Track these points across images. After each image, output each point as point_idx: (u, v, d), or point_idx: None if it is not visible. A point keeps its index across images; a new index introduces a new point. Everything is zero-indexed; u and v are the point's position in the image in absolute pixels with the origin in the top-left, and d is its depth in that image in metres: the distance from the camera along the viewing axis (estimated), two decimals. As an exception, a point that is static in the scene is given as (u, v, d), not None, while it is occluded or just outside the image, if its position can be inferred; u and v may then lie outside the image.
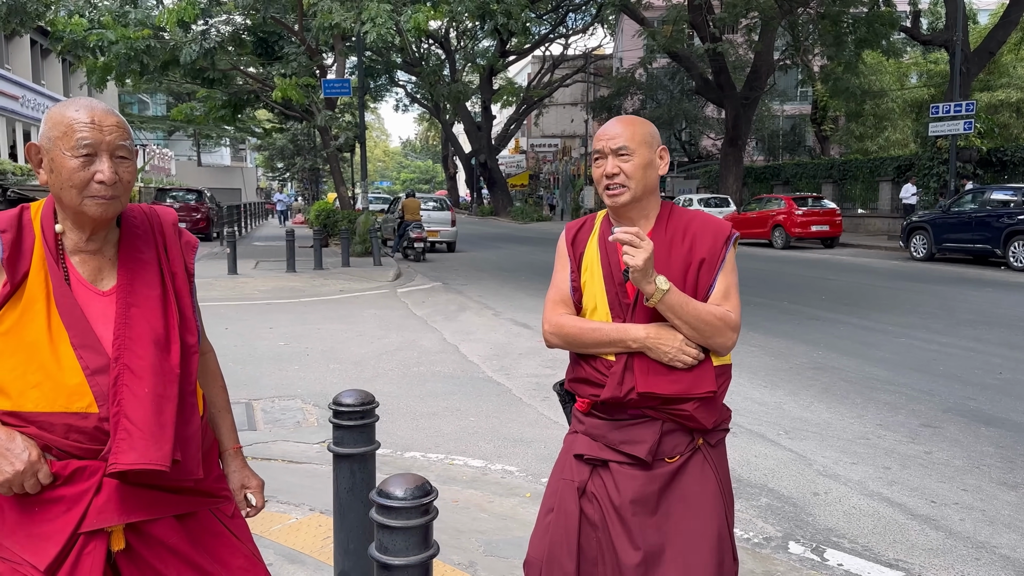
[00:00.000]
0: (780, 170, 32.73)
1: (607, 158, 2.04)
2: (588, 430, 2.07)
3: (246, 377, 6.92)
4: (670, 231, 2.06)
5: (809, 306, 11.21)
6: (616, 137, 2.03)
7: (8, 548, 1.55)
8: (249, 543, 1.79)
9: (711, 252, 2.03)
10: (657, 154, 2.07)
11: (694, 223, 2.08)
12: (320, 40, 19.97)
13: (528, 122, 56.13)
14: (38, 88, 28.72)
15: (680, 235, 2.06)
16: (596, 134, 2.11)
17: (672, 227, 2.07)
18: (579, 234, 2.17)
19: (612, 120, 2.10)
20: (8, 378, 1.54)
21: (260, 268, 17.03)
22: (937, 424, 5.65)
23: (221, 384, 1.92)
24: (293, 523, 3.73)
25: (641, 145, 2.03)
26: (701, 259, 2.02)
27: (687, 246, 2.04)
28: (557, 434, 5.39)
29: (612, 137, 2.04)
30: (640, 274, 1.87)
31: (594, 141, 2.10)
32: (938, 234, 17.94)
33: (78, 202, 1.58)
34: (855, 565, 3.61)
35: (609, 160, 2.03)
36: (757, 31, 27.60)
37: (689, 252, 2.03)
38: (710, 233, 2.05)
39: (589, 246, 2.13)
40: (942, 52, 27.62)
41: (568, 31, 43.64)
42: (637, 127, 2.06)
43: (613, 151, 2.03)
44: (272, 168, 56.76)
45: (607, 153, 2.04)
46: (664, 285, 1.89)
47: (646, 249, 1.86)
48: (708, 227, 2.07)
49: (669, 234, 2.06)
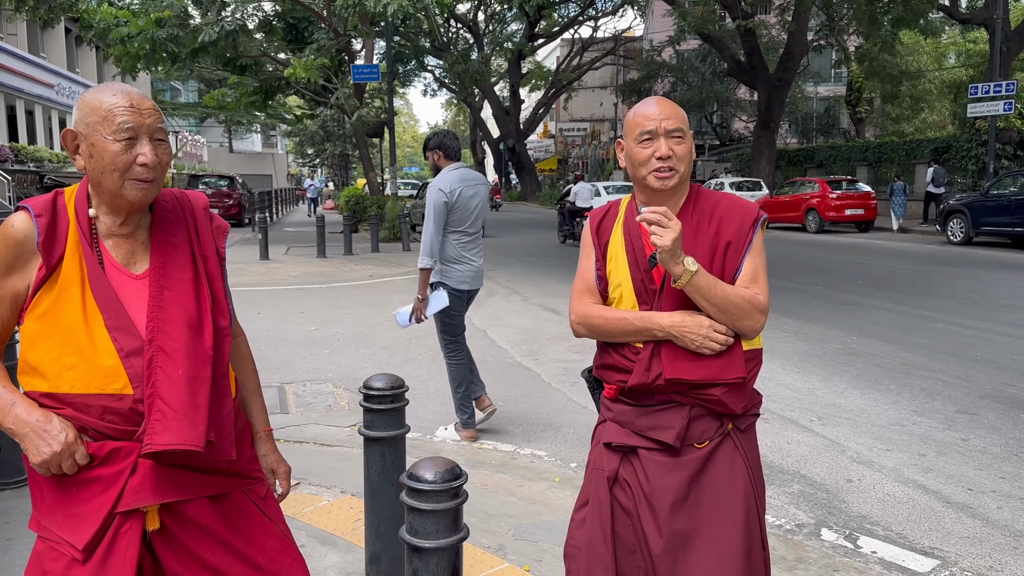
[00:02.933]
0: (814, 153, 32.19)
1: (659, 139, 1.97)
2: (616, 417, 2.05)
3: (278, 361, 7.00)
4: (697, 214, 2.03)
5: (843, 291, 11.06)
6: (671, 118, 1.98)
7: (47, 527, 1.58)
8: (281, 524, 1.80)
9: (738, 235, 1.99)
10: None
11: (721, 205, 2.04)
12: (348, 25, 19.97)
13: (557, 106, 55.77)
14: (73, 76, 29.18)
15: (707, 218, 2.02)
16: (638, 113, 2.02)
17: (700, 210, 2.04)
18: (603, 222, 2.14)
19: (653, 100, 2.03)
20: (45, 360, 1.57)
21: (291, 254, 17.19)
22: (974, 411, 5.55)
23: (252, 367, 1.93)
24: (325, 505, 3.77)
25: (688, 129, 2.01)
26: (728, 242, 1.99)
27: (714, 229, 2.00)
28: (586, 419, 5.39)
29: (667, 117, 1.98)
30: (668, 254, 1.84)
31: (638, 120, 2.00)
32: (976, 217, 17.55)
33: (119, 186, 1.60)
34: (889, 552, 3.56)
35: (662, 141, 1.97)
36: (790, 11, 27.10)
37: (716, 235, 2.00)
38: (737, 215, 2.02)
39: (614, 234, 2.09)
40: (981, 31, 26.95)
41: (597, 13, 43.21)
42: (680, 110, 2.02)
43: (668, 132, 1.97)
44: (302, 154, 57.12)
45: (660, 134, 1.97)
46: (692, 266, 1.86)
47: (674, 229, 1.83)
48: (735, 209, 2.03)
49: (696, 217, 2.02)
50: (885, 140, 30.12)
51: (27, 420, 1.53)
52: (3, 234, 1.61)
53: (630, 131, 2.03)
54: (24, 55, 24.69)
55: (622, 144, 2.09)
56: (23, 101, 24.90)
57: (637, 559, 1.98)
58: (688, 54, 37.69)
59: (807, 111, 40.36)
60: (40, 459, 1.52)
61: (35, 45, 26.70)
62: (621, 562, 1.99)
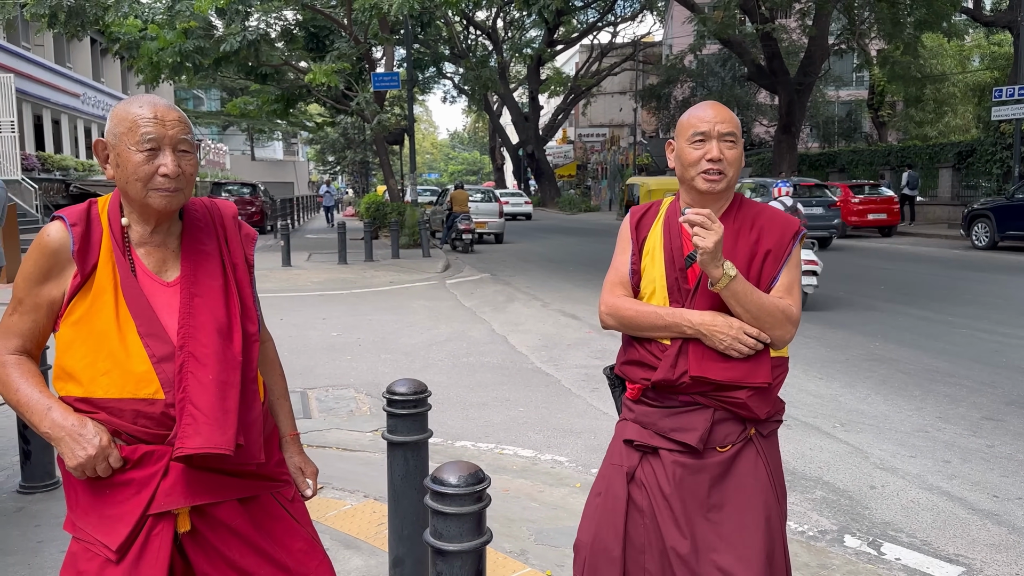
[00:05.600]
0: (836, 157, 31.95)
1: (712, 141, 2.00)
2: (638, 418, 2.06)
3: (301, 367, 7.06)
4: (739, 220, 2.05)
5: (866, 296, 10.96)
6: (725, 122, 2.00)
7: (82, 529, 1.62)
8: (308, 527, 1.83)
9: (778, 245, 2.02)
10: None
11: (763, 215, 2.07)
12: (369, 33, 20.11)
13: (576, 112, 55.82)
14: (98, 86, 29.60)
15: (748, 225, 2.05)
16: (693, 115, 2.04)
17: (741, 217, 2.06)
18: (644, 219, 2.16)
19: (708, 103, 2.06)
20: (79, 366, 1.61)
21: (313, 260, 17.31)
22: (1000, 417, 5.49)
23: (280, 372, 1.97)
24: (348, 509, 3.80)
25: (740, 136, 2.03)
26: (767, 251, 2.01)
27: (754, 236, 2.03)
28: (607, 425, 5.38)
29: (721, 121, 2.00)
30: (709, 256, 1.85)
31: (692, 122, 2.03)
32: (1001, 221, 17.33)
33: (143, 195, 1.64)
34: (913, 559, 3.53)
35: (715, 144, 1.99)
36: (811, 15, 26.94)
37: (756, 243, 2.02)
38: (778, 226, 2.04)
39: (653, 231, 2.11)
40: (1006, 33, 26.61)
41: (616, 19, 43.22)
42: (734, 116, 2.05)
43: (721, 135, 1.99)
44: (323, 162, 57.51)
45: (713, 136, 2.00)
46: (732, 271, 1.88)
47: (717, 231, 1.84)
48: (777, 220, 2.06)
49: (738, 223, 2.04)
50: (908, 144, 29.84)
51: (63, 424, 1.57)
52: (39, 243, 1.65)
53: (683, 132, 2.05)
54: (51, 65, 25.09)
55: (673, 144, 2.11)
56: (50, 111, 25.29)
57: (645, 560, 1.99)
58: (708, 59, 37.53)
59: (829, 115, 40.05)
60: (75, 462, 1.56)
61: (61, 56, 27.13)
62: (628, 561, 2.00)
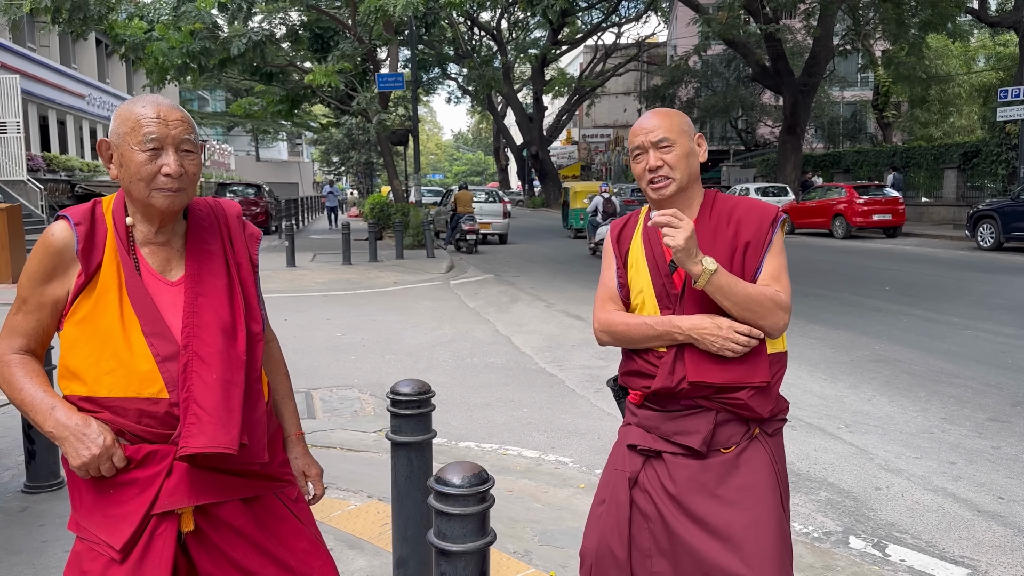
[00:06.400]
0: (840, 158, 31.90)
1: (647, 152, 2.03)
2: (641, 422, 2.06)
3: (305, 367, 7.06)
4: (715, 217, 2.05)
5: (871, 297, 10.94)
6: (655, 130, 2.03)
7: (86, 528, 1.62)
8: (312, 527, 1.83)
9: (757, 235, 2.01)
10: (695, 142, 2.07)
11: (739, 207, 2.07)
12: (374, 34, 20.13)
13: (580, 112, 55.79)
14: (103, 87, 29.69)
15: (725, 220, 2.05)
16: (632, 130, 2.10)
17: (717, 213, 2.06)
18: (623, 231, 2.18)
19: (645, 115, 2.10)
20: (83, 365, 1.61)
21: (317, 260, 17.34)
22: (1005, 418, 5.47)
23: (284, 372, 1.97)
24: (352, 509, 3.80)
25: (680, 135, 2.03)
26: (747, 242, 2.01)
27: (732, 230, 2.02)
28: (611, 425, 5.38)
29: (651, 130, 2.03)
30: (684, 254, 1.85)
31: (630, 137, 2.09)
32: (1007, 222, 17.27)
33: (146, 194, 1.64)
34: (918, 561, 3.52)
35: (650, 154, 2.02)
36: (816, 16, 26.91)
37: (735, 236, 2.02)
38: (756, 216, 2.04)
39: (634, 242, 2.13)
40: (1011, 34, 26.57)
41: (621, 19, 43.19)
42: (673, 118, 2.06)
43: (653, 144, 2.02)
44: (328, 162, 57.59)
45: (647, 147, 2.03)
46: (711, 265, 1.87)
47: (685, 228, 1.85)
48: (754, 210, 2.06)
49: (714, 220, 2.05)
50: (913, 145, 29.79)
51: (67, 424, 1.58)
52: (44, 242, 1.66)
53: (629, 150, 2.11)
54: (56, 66, 25.17)
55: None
56: (55, 111, 25.37)
57: (652, 564, 1.98)
58: (712, 59, 37.49)
59: (833, 116, 39.98)
60: (80, 462, 1.56)
61: (67, 56, 27.22)
62: (635, 565, 2.00)
